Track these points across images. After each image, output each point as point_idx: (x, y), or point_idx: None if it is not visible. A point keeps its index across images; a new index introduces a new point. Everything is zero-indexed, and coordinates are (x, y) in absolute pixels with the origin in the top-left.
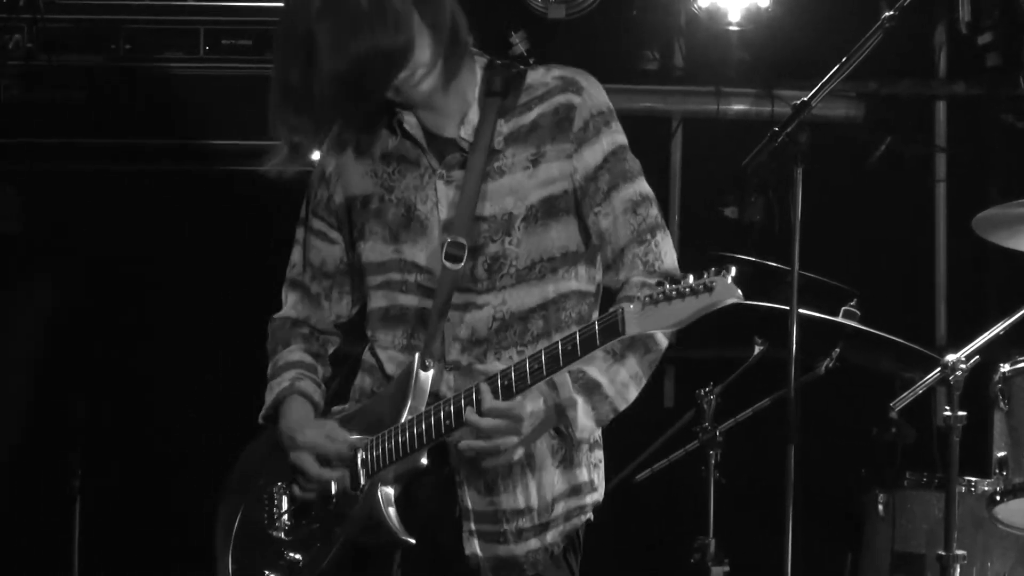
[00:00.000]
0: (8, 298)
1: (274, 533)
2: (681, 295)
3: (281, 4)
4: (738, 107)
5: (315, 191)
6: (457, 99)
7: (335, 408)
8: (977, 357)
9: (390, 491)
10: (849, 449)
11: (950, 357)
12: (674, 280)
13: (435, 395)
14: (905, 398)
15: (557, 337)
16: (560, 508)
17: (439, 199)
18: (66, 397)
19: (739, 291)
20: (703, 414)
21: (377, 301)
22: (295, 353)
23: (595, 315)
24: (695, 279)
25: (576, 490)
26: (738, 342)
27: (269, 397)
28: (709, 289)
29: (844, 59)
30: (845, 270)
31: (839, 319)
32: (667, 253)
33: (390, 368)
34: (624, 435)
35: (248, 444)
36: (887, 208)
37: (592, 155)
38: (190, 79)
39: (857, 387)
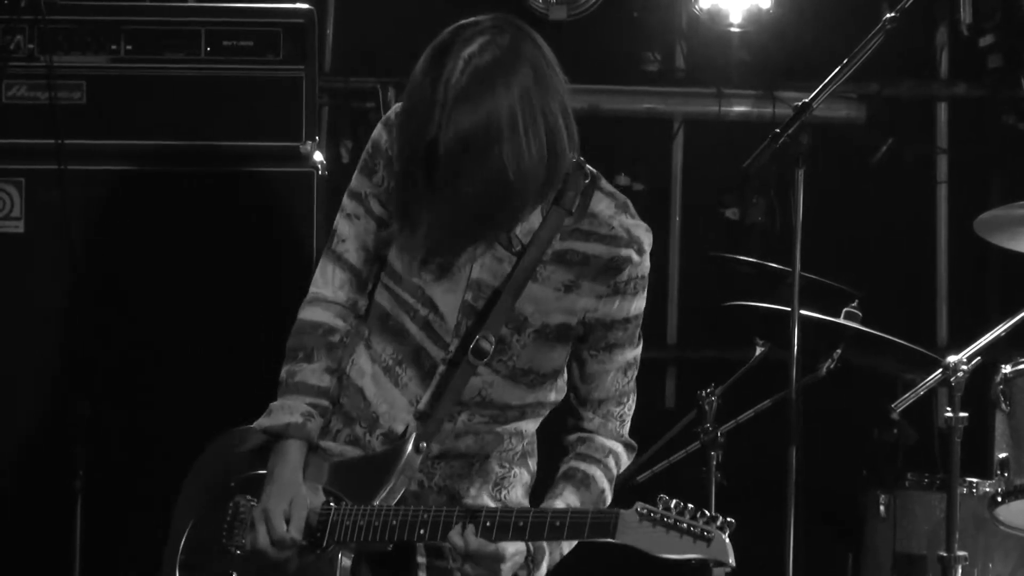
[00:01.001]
0: (8, 298)
1: (229, 547)
2: (679, 530)
3: (284, 5)
4: (739, 108)
5: (380, 173)
6: None
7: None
8: (978, 358)
9: (348, 563)
10: (850, 450)
11: (951, 358)
12: (679, 510)
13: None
14: (906, 399)
15: (562, 464)
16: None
17: (476, 256)
18: (68, 397)
19: (732, 556)
20: (704, 415)
21: (382, 300)
22: (316, 374)
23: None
24: (698, 518)
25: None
26: (739, 343)
27: (277, 418)
28: (706, 540)
29: (845, 60)
30: (846, 271)
31: (840, 320)
32: (630, 417)
33: (362, 382)
34: None
35: (236, 430)
36: (888, 209)
37: (619, 310)
38: (191, 80)
39: (858, 388)
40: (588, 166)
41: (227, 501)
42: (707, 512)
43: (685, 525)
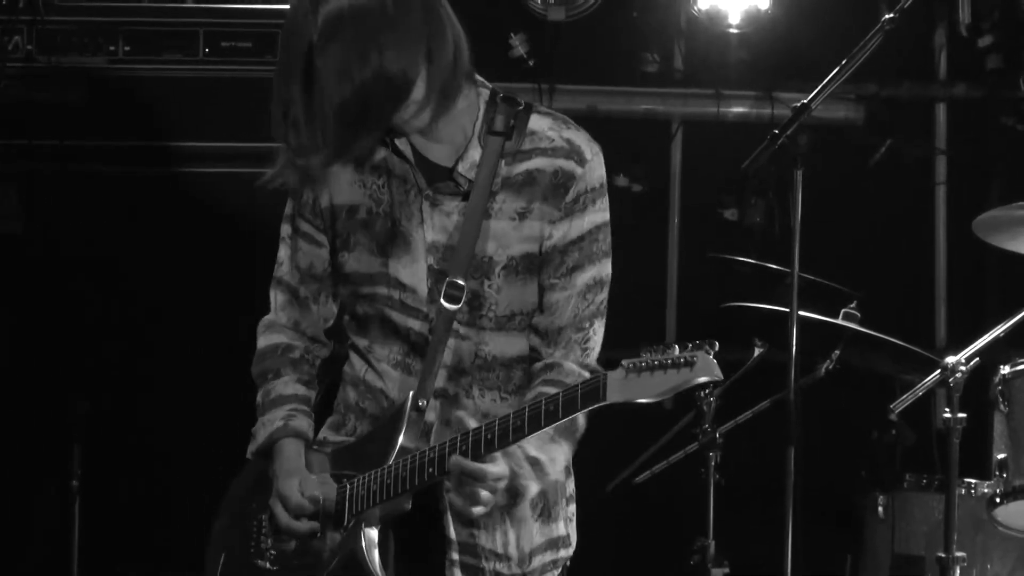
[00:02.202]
0: (7, 297)
1: (259, 562)
2: (663, 367)
3: (281, 6)
4: (738, 109)
5: (300, 192)
6: (453, 129)
7: (324, 437)
8: (977, 359)
9: (373, 534)
10: (849, 451)
11: (950, 359)
12: (660, 351)
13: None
14: (905, 400)
15: (528, 392)
16: (537, 561)
17: (424, 219)
18: (66, 396)
19: (718, 370)
20: (703, 416)
21: (364, 309)
22: (288, 386)
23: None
24: (679, 350)
25: (553, 544)
26: (738, 344)
27: (262, 434)
28: (690, 364)
29: (844, 61)
30: (845, 272)
31: (839, 321)
32: (597, 344)
33: (382, 383)
34: (624, 437)
35: (243, 468)
36: (887, 210)
37: (572, 230)
38: (189, 81)
39: (857, 389)
40: (521, 99)
41: (250, 524)
42: (688, 343)
43: (669, 360)
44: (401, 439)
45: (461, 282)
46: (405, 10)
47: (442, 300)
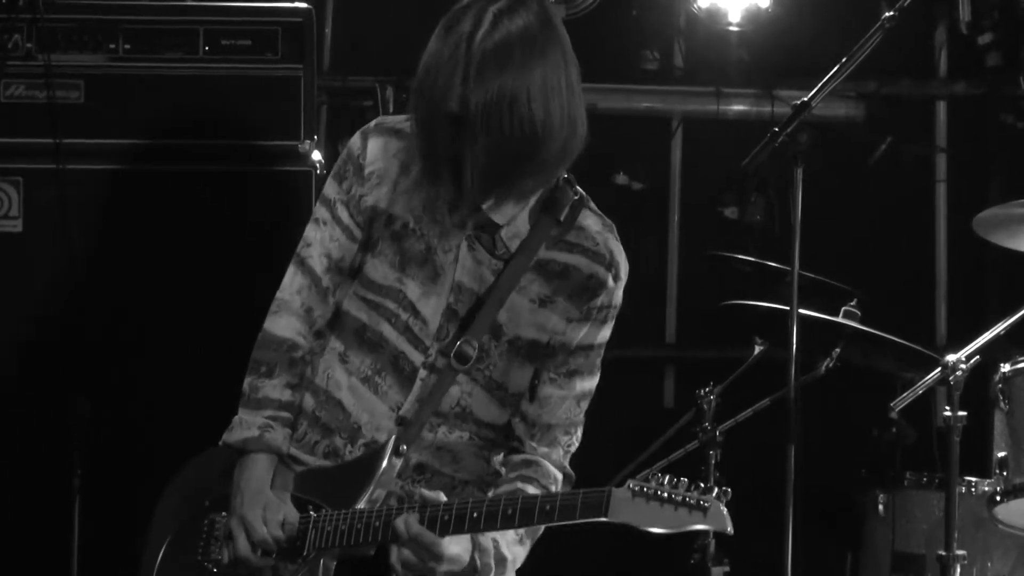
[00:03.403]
0: (6, 297)
1: (205, 563)
2: (673, 502)
3: (282, 4)
4: (738, 107)
5: (350, 181)
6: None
7: (294, 454)
8: (977, 357)
9: (332, 567)
10: (849, 449)
11: (950, 357)
12: (672, 484)
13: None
14: (905, 398)
15: (502, 482)
16: None
17: (459, 257)
18: (67, 395)
19: (730, 523)
20: (703, 414)
21: (358, 312)
22: (276, 389)
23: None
24: (692, 490)
25: None
26: (738, 342)
27: (237, 433)
28: (703, 511)
29: (844, 59)
30: (845, 270)
31: (839, 319)
32: (573, 449)
33: (341, 395)
34: (624, 435)
35: (208, 450)
36: (887, 208)
37: (586, 337)
38: (189, 79)
39: (857, 387)
40: (578, 187)
41: (202, 519)
42: (701, 484)
43: (680, 497)
44: (375, 485)
45: (475, 344)
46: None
47: (453, 356)
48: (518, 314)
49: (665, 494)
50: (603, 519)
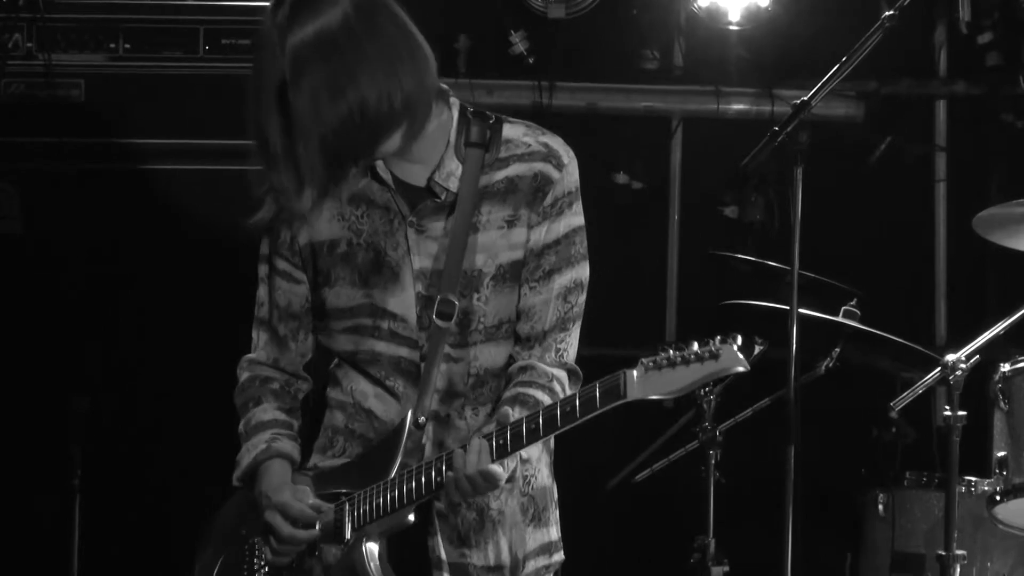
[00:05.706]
0: (6, 296)
1: (256, 571)
2: (686, 361)
3: None
4: (738, 106)
5: (277, 229)
6: (428, 147)
7: (313, 464)
8: (977, 357)
9: (374, 547)
10: (849, 449)
11: (950, 357)
12: (678, 347)
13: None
14: (905, 398)
15: (505, 392)
16: (531, 566)
17: (410, 247)
18: (67, 394)
19: (746, 361)
20: (703, 414)
21: (343, 344)
22: (268, 412)
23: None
24: (700, 346)
25: (546, 549)
26: None
27: (246, 459)
28: (715, 356)
29: (844, 59)
30: (845, 270)
31: (839, 319)
32: (573, 345)
33: (372, 404)
34: (624, 435)
35: (227, 500)
36: (887, 208)
37: (548, 234)
38: (189, 78)
39: (857, 387)
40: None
41: (242, 546)
42: (707, 339)
43: (691, 355)
44: (402, 455)
45: (452, 299)
46: (372, 32)
47: (435, 317)
48: (492, 247)
49: (678, 357)
50: (624, 400)
